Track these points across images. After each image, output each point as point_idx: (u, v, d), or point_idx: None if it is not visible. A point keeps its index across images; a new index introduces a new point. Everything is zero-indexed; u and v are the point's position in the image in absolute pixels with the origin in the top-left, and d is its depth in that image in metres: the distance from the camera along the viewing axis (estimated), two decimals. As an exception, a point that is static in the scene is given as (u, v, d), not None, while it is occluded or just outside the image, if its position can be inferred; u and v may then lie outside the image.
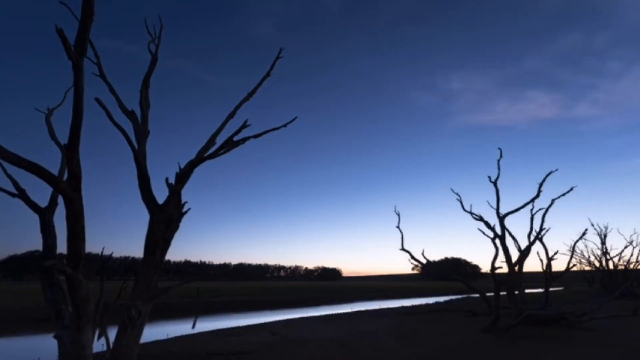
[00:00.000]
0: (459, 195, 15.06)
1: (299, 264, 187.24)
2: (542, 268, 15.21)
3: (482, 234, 14.14)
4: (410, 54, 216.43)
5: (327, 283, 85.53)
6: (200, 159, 6.13)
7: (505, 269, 13.28)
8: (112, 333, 5.35)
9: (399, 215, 15.32)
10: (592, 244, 69.27)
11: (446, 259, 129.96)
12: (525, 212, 14.47)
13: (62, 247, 5.46)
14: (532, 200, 14.01)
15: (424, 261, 14.03)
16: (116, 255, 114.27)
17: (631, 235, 26.49)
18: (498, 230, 13.63)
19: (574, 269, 28.21)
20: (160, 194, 5.83)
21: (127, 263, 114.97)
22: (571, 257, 18.53)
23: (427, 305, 22.75)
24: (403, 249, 14.58)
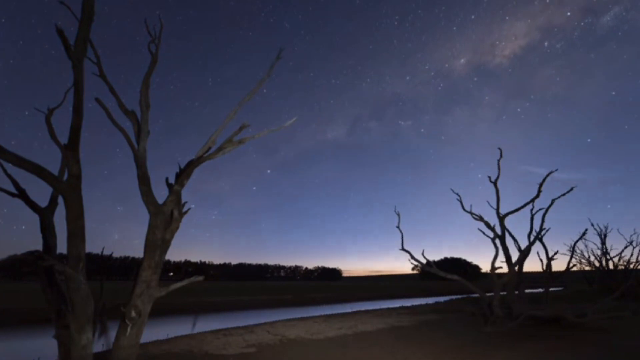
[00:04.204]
0: (459, 195, 15.08)
1: (299, 264, 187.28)
2: (542, 268, 15.21)
3: (482, 234, 14.18)
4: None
5: (327, 283, 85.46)
6: (200, 159, 6.13)
7: (505, 269, 13.29)
8: (112, 333, 5.35)
9: (399, 215, 15.35)
10: (592, 244, 69.28)
11: (446, 258, 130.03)
12: (525, 212, 14.50)
13: (62, 247, 5.47)
14: (532, 200, 14.00)
15: (424, 261, 14.04)
16: (116, 255, 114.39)
17: (631, 235, 26.35)
18: (498, 230, 13.64)
19: (574, 269, 28.20)
20: (160, 194, 5.83)
21: (127, 263, 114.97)
22: (571, 257, 18.50)
23: (427, 305, 22.72)
24: (403, 249, 14.60)
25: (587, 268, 29.86)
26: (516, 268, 13.09)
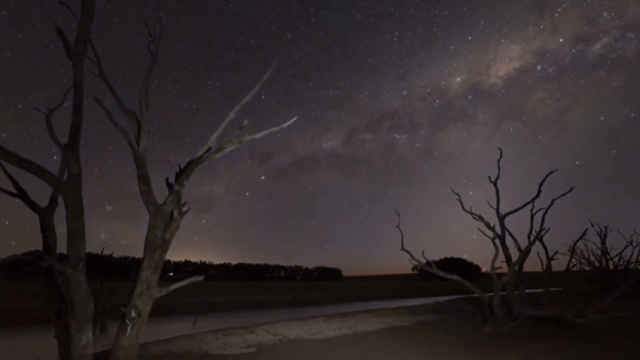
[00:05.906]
0: (459, 195, 15.07)
1: (299, 264, 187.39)
2: (542, 268, 15.20)
3: (482, 234, 14.17)
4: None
5: (327, 283, 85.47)
6: (200, 158, 6.13)
7: (505, 269, 13.28)
8: (112, 333, 5.35)
9: (399, 215, 15.33)
10: (592, 244, 69.19)
11: (446, 258, 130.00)
12: (525, 212, 14.49)
13: (62, 247, 5.47)
14: (532, 200, 14.00)
15: (424, 261, 14.03)
16: (116, 255, 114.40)
17: (631, 236, 26.29)
18: (498, 230, 13.63)
19: (574, 269, 28.13)
20: (160, 194, 5.83)
21: (127, 263, 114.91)
22: (571, 257, 18.53)
23: (427, 305, 22.72)
24: (403, 249, 14.58)
25: (587, 268, 29.83)
26: (516, 268, 13.08)
